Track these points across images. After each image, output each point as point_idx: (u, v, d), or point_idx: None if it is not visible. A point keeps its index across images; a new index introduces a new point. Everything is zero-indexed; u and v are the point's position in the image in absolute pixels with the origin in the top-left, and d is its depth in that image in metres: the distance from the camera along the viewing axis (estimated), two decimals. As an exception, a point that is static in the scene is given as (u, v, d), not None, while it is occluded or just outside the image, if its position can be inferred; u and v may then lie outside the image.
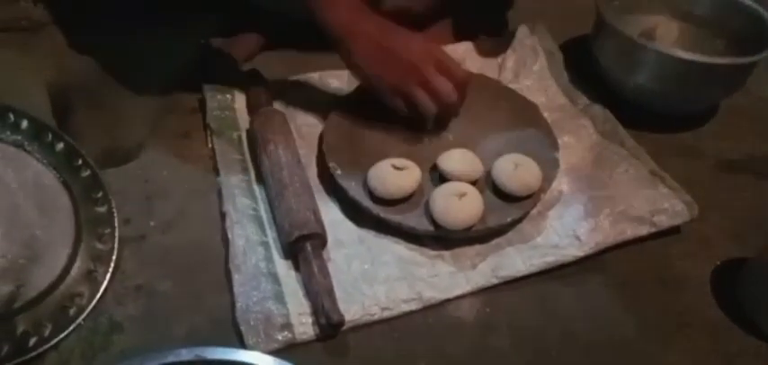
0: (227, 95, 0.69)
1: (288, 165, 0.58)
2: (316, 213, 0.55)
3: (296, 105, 0.69)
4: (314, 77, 0.73)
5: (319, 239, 0.54)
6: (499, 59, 0.77)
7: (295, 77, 0.73)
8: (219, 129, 0.66)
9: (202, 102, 0.69)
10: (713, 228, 0.60)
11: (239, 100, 0.69)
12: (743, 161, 0.68)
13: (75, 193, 0.54)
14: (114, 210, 0.55)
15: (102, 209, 0.55)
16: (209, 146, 0.65)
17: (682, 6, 0.77)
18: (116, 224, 0.55)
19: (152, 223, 0.58)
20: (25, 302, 0.48)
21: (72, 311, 0.50)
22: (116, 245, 0.54)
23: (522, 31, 0.79)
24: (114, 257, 0.53)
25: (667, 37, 0.75)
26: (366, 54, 0.59)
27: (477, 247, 0.56)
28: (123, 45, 0.78)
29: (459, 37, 0.76)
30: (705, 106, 0.73)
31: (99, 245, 0.53)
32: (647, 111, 0.70)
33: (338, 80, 0.73)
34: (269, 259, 0.54)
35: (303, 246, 0.53)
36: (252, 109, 0.67)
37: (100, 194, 0.55)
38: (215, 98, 0.69)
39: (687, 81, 0.66)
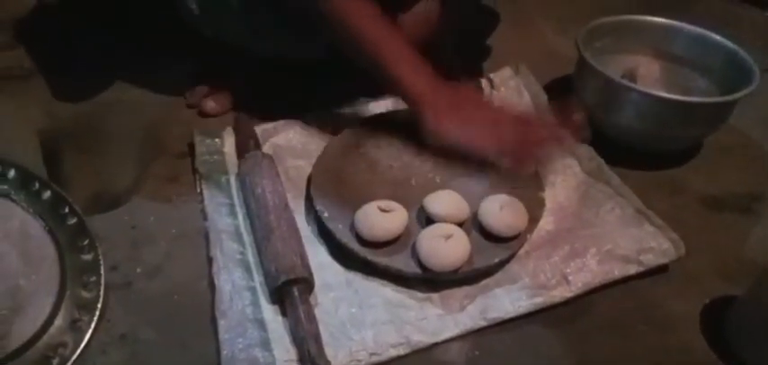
0: (216, 140, 0.70)
1: (275, 209, 0.59)
2: (303, 257, 0.55)
3: (284, 148, 0.70)
4: (302, 120, 0.74)
5: (306, 284, 0.54)
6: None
7: (283, 120, 0.73)
8: (208, 172, 0.66)
9: (191, 146, 0.70)
10: (700, 266, 0.60)
11: (228, 143, 0.70)
12: (727, 197, 0.69)
13: (61, 241, 0.54)
14: (100, 258, 0.55)
15: (89, 257, 0.55)
16: (198, 190, 0.65)
17: (662, 46, 0.79)
18: (102, 271, 0.55)
19: (139, 269, 0.58)
20: (7, 354, 0.48)
21: (55, 362, 0.49)
22: (102, 293, 0.54)
23: (506, 73, 0.80)
24: (99, 305, 0.53)
25: (649, 76, 0.77)
26: (450, 121, 0.61)
27: (466, 289, 0.56)
28: (111, 91, 0.79)
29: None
30: (688, 144, 0.74)
31: (84, 294, 0.53)
32: (631, 150, 0.71)
33: (326, 123, 0.74)
34: (256, 304, 0.54)
35: (290, 291, 0.53)
36: (240, 152, 0.68)
37: (86, 242, 0.55)
38: (204, 142, 0.69)
39: (669, 120, 0.67)
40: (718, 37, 0.76)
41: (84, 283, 0.53)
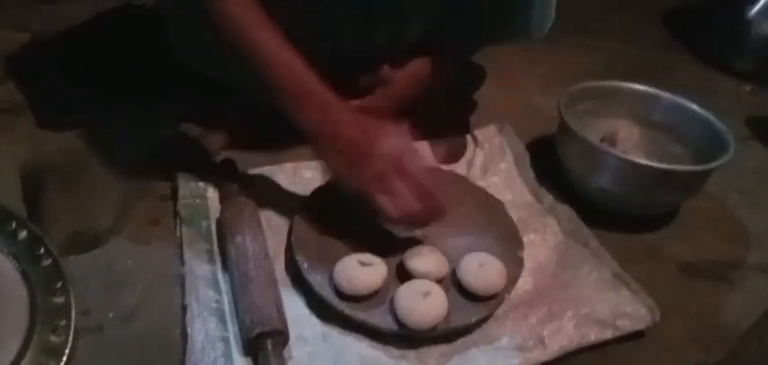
0: (200, 183, 0.70)
1: (254, 258, 0.58)
2: (279, 309, 0.55)
3: (268, 195, 0.70)
4: (287, 168, 0.74)
5: (281, 336, 0.53)
6: (468, 157, 0.79)
7: (268, 167, 0.74)
8: (189, 217, 0.66)
9: (175, 189, 0.69)
10: (676, 333, 0.61)
11: (212, 188, 0.70)
12: (703, 264, 0.70)
13: (34, 283, 0.53)
14: (72, 301, 0.54)
15: (60, 300, 0.54)
16: (178, 234, 0.65)
17: (641, 112, 0.81)
18: (73, 315, 0.53)
19: (111, 314, 0.57)
20: (-34, 400, 0.46)
21: (17, 409, 0.48)
22: (71, 338, 0.52)
23: (490, 131, 0.82)
24: (68, 350, 0.52)
25: (629, 141, 0.78)
26: (335, 155, 0.60)
27: (442, 347, 0.56)
28: (99, 129, 0.80)
29: (425, 136, 0.79)
30: (665, 209, 0.75)
31: (53, 338, 0.52)
32: (610, 212, 0.72)
33: (311, 171, 0.74)
34: (228, 356, 0.53)
35: (264, 344, 0.52)
36: (223, 198, 0.68)
37: (59, 284, 0.54)
38: (187, 186, 0.69)
39: (646, 185, 0.69)
40: (695, 106, 0.78)
41: (54, 327, 0.52)
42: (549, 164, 0.78)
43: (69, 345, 0.52)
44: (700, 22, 1.17)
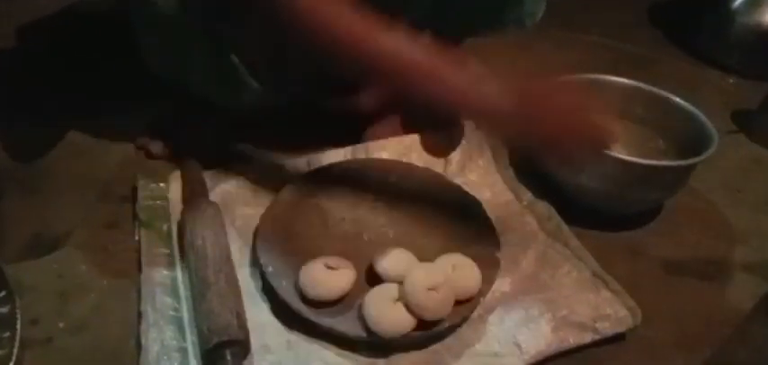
0: (161, 184, 0.67)
1: (214, 263, 0.55)
2: (240, 316, 0.52)
3: (234, 195, 0.67)
4: (255, 166, 0.71)
5: (241, 346, 0.50)
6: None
7: (235, 166, 0.71)
8: (149, 219, 0.62)
9: (135, 190, 0.66)
10: (659, 334, 0.58)
11: (174, 189, 0.67)
12: (686, 262, 0.67)
13: (-26, 293, 0.50)
14: (18, 311, 0.51)
15: (5, 310, 0.51)
16: (136, 238, 0.61)
17: (623, 106, 0.78)
18: (18, 326, 0.50)
19: (61, 324, 0.54)
20: None
21: (-46, 428, 0.44)
22: (15, 351, 0.49)
23: (469, 126, 0.79)
24: (12, 364, 0.48)
25: (610, 135, 0.76)
26: (502, 119, 0.58)
27: (414, 355, 0.53)
28: (60, 130, 0.76)
29: (406, 130, 0.76)
30: (648, 206, 0.72)
31: (-4, 351, 0.49)
32: (591, 210, 0.69)
33: (280, 170, 0.71)
34: (185, 368, 0.50)
35: (223, 354, 0.49)
36: (185, 199, 0.64)
37: (3, 293, 0.51)
38: (148, 186, 0.66)
39: (628, 182, 0.66)
40: (678, 99, 0.76)
41: (-3, 339, 0.49)
42: (529, 160, 0.75)
43: (14, 358, 0.49)
44: (684, 15, 1.16)
